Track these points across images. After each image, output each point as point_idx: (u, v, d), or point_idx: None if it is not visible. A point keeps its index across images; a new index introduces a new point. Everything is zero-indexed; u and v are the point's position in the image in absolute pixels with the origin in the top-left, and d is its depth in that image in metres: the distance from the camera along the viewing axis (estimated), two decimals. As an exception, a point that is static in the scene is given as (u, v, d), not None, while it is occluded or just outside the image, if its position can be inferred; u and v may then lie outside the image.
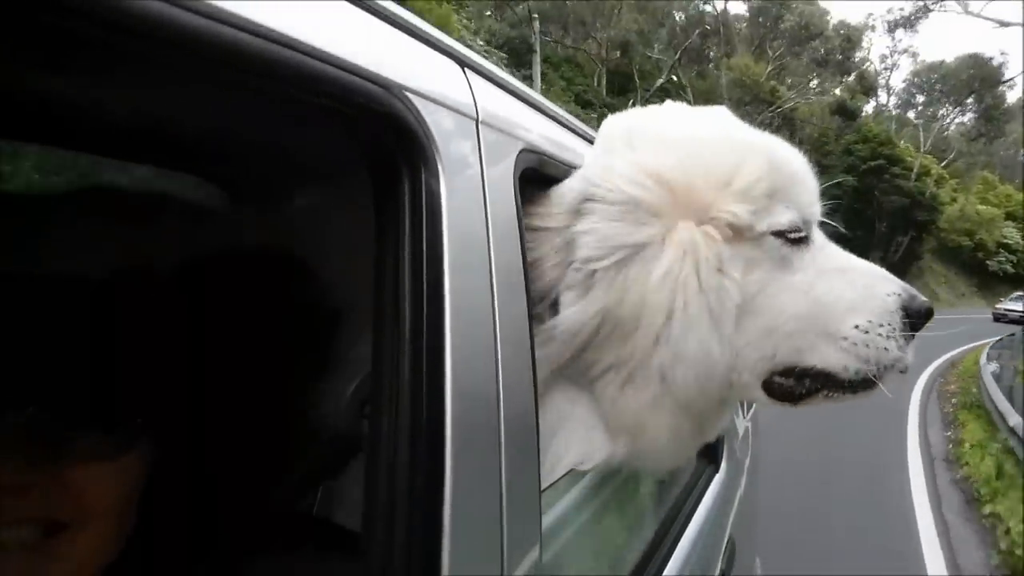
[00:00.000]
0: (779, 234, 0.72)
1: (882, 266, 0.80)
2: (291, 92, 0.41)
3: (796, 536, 3.56)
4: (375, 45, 0.48)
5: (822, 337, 0.71)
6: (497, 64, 0.79)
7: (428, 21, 0.56)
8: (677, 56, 30.31)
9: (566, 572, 0.74)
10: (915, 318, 0.73)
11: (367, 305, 0.48)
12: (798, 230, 0.73)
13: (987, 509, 4.31)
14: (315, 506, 0.83)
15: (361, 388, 0.53)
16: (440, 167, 0.49)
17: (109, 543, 0.54)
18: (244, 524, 0.69)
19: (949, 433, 6.68)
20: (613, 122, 0.81)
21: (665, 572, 0.97)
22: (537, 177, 0.69)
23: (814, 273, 0.73)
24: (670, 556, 1.02)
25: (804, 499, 4.24)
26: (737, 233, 0.70)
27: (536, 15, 22.24)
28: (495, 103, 0.63)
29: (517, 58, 21.60)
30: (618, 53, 30.58)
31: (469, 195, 0.53)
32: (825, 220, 0.80)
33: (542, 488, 0.56)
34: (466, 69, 0.60)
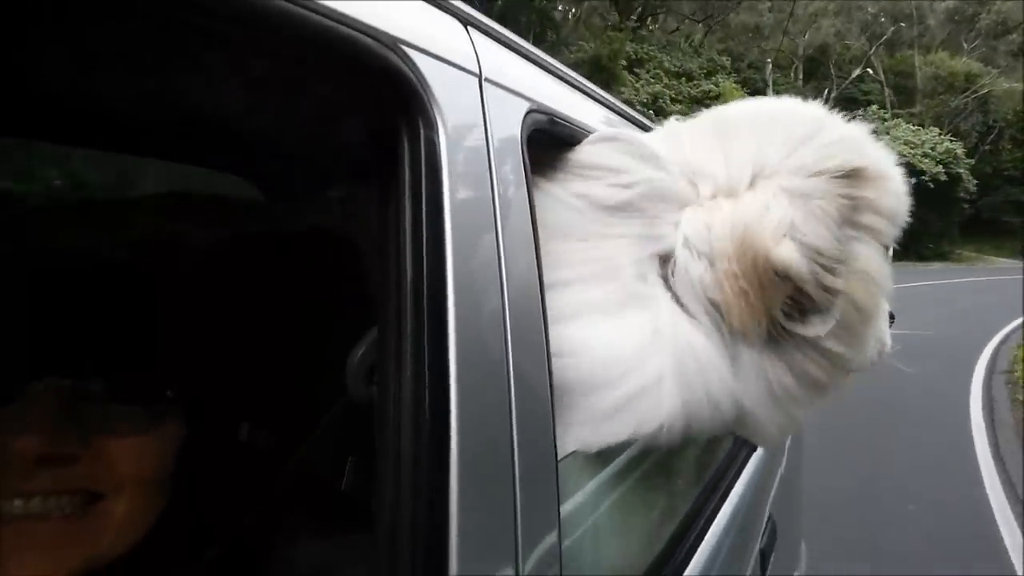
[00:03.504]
0: None
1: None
2: (278, 42, 0.40)
3: (849, 521, 3.46)
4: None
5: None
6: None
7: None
8: (872, 50, 31.17)
9: (588, 547, 0.73)
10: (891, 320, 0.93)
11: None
12: None
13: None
14: (343, 482, 0.84)
15: (368, 353, 0.52)
16: (439, 120, 0.48)
17: (144, 514, 0.56)
18: (269, 498, 0.70)
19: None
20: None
21: (701, 546, 0.95)
22: (548, 139, 0.67)
23: None
24: (706, 531, 1.00)
25: (858, 483, 4.10)
26: None
27: (769, 60, 25.85)
28: (501, 61, 0.61)
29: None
30: (811, 50, 32.12)
31: (473, 152, 0.52)
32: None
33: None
34: (469, 27, 0.59)
